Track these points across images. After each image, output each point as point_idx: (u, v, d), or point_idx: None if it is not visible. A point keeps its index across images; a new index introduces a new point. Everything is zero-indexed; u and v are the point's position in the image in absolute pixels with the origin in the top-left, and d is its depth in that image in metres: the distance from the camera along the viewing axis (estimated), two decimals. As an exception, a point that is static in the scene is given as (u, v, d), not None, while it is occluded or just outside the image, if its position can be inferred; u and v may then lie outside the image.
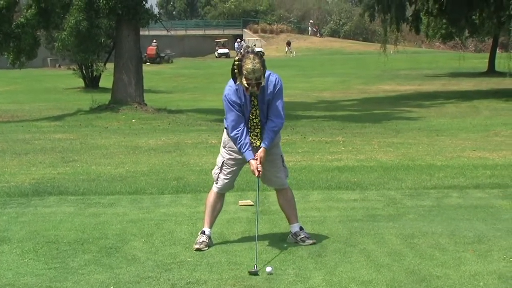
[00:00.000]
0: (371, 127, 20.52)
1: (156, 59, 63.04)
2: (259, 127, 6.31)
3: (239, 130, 6.23)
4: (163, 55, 65.50)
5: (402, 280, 5.37)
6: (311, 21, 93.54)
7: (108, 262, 6.01)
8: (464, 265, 5.75)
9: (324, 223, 7.31)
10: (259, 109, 6.27)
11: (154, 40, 65.01)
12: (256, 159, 6.24)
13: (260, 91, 6.15)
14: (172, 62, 65.71)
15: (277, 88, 6.24)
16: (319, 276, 5.52)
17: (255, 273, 5.56)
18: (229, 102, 6.24)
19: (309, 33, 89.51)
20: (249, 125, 6.31)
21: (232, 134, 6.27)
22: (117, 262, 5.99)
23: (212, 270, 5.71)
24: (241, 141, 6.23)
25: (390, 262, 5.86)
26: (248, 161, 6.27)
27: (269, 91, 6.21)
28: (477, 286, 5.24)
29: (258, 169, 6.22)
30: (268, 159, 6.39)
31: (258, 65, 5.98)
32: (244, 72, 6.00)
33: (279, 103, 6.26)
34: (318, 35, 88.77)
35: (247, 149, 6.23)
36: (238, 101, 6.22)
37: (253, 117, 6.29)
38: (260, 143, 6.28)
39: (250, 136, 6.29)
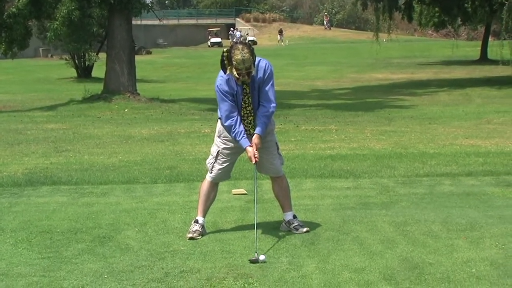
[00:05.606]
0: (363, 116, 20.53)
1: None
2: (252, 114, 6.30)
3: (233, 119, 6.22)
4: None
5: (395, 268, 5.39)
6: (325, 13, 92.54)
7: (101, 251, 6.01)
8: (456, 252, 5.78)
9: (317, 211, 7.33)
10: (251, 97, 6.27)
11: None
12: (252, 146, 6.24)
13: (251, 78, 6.16)
14: (148, 53, 60.64)
15: (267, 74, 6.22)
16: (312, 264, 5.54)
17: (255, 261, 5.57)
18: (222, 92, 6.22)
19: (324, 27, 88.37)
20: (242, 113, 6.29)
21: (226, 124, 6.25)
22: (111, 251, 5.99)
23: (205, 259, 5.72)
24: (235, 129, 6.21)
25: (383, 249, 5.88)
26: (245, 149, 6.26)
27: (259, 77, 6.20)
28: (469, 272, 5.26)
29: (255, 155, 6.21)
30: (263, 146, 6.38)
31: (247, 55, 5.97)
32: (234, 62, 5.99)
33: (269, 88, 6.24)
34: (327, 27, 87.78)
35: (242, 136, 6.21)
36: (230, 91, 6.21)
37: (246, 105, 6.28)
38: (254, 130, 6.27)
39: (244, 124, 6.28)
